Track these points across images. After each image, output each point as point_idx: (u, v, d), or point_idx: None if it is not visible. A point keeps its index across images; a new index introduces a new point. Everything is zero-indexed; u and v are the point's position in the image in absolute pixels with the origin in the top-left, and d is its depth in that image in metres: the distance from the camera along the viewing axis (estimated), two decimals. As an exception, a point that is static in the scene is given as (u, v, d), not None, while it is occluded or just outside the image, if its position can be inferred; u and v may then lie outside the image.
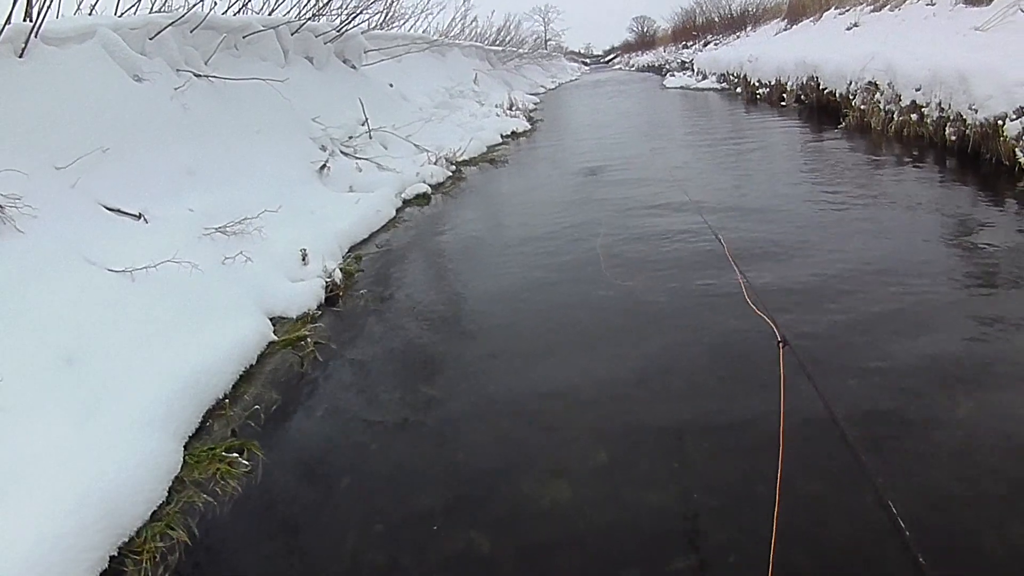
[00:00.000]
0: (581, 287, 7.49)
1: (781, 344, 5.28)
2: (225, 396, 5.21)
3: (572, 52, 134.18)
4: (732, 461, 4.28)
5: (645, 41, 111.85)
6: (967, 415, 4.53)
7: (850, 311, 6.15)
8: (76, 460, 4.00)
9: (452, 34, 33.68)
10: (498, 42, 46.17)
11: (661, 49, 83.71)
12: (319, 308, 7.13)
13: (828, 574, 3.46)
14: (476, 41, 40.18)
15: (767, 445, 4.22)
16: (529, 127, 23.09)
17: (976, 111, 12.03)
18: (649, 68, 75.16)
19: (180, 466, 4.35)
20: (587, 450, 4.54)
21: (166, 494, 4.13)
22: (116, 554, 3.69)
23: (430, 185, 13.00)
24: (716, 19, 62.44)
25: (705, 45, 58.63)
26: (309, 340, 6.25)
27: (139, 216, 7.22)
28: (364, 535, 3.96)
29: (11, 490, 3.75)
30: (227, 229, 7.61)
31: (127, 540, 3.78)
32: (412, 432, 5.01)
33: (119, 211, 7.14)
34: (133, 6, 11.40)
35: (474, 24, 39.59)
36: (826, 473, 4.07)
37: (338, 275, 7.76)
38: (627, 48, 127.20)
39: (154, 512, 3.99)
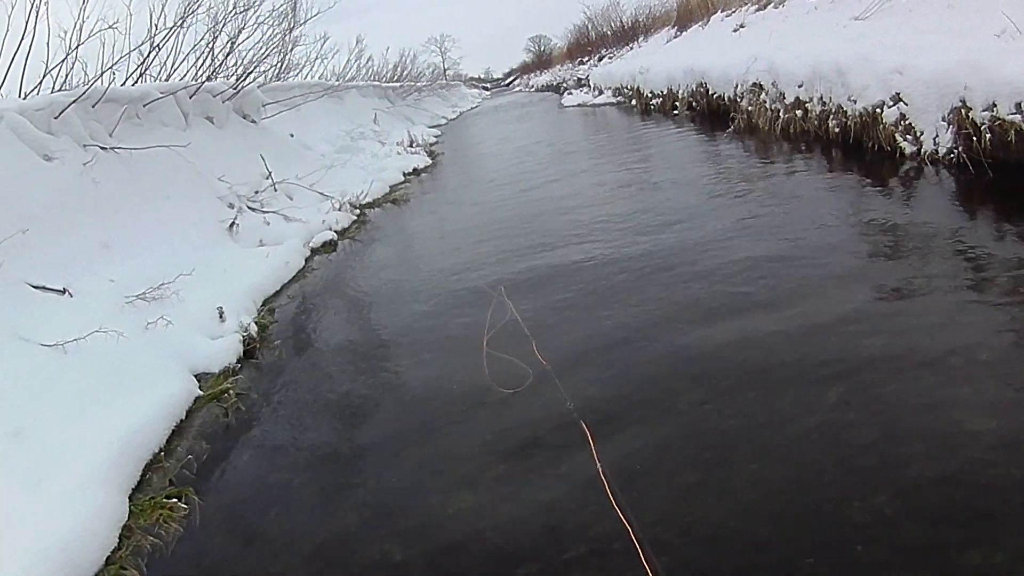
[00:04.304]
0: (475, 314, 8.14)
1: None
2: (160, 450, 5.75)
3: (472, 79, 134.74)
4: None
5: (543, 60, 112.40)
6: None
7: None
8: (35, 520, 4.56)
9: (348, 76, 34.03)
10: (396, 78, 46.53)
11: (558, 67, 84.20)
12: (239, 362, 7.62)
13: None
14: (373, 80, 40.55)
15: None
16: (430, 162, 23.47)
17: (855, 101, 12.72)
18: (547, 88, 75.37)
19: (127, 515, 4.91)
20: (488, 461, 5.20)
21: (117, 540, 4.69)
22: (79, 596, 4.24)
23: (336, 232, 13.42)
24: (608, 32, 62.92)
25: (600, 60, 59.03)
26: (231, 393, 6.77)
27: (64, 291, 7.68)
28: (292, 556, 4.58)
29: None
30: (147, 296, 8.08)
31: (87, 584, 4.34)
32: (329, 463, 5.67)
33: (45, 288, 7.60)
34: (36, 87, 11.79)
35: (369, 63, 39.97)
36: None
37: (253, 329, 8.25)
38: (525, 69, 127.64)
39: (108, 557, 4.55)
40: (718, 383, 5.68)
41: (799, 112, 15.20)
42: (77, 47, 12.11)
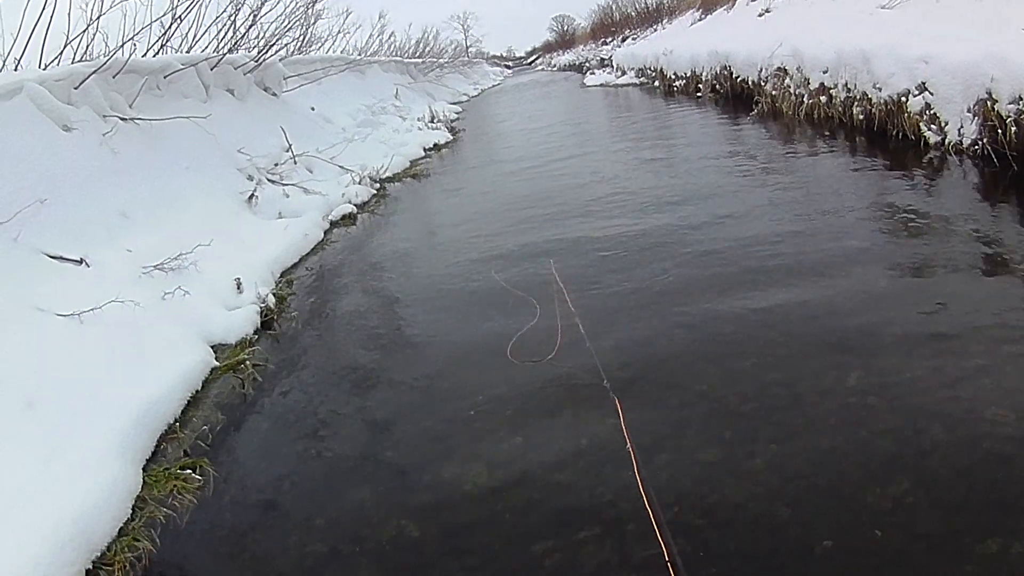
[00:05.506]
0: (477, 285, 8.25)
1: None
2: (175, 421, 5.71)
3: (494, 56, 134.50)
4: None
5: (565, 40, 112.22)
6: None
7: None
8: (47, 492, 4.52)
9: (371, 51, 33.94)
10: (418, 54, 46.43)
11: (581, 47, 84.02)
12: (256, 333, 7.57)
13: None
14: (395, 56, 40.46)
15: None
16: (451, 138, 23.40)
17: (880, 89, 12.64)
18: (570, 67, 75.42)
19: (140, 486, 4.87)
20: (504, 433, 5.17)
21: (130, 512, 4.64)
22: (91, 567, 4.18)
23: (355, 205, 13.39)
24: (633, 13, 62.87)
25: (623, 40, 58.92)
26: (248, 363, 6.72)
27: (80, 261, 7.65)
28: (306, 529, 4.55)
29: (-7, 525, 4.27)
30: (164, 266, 8.05)
31: (99, 555, 4.28)
32: (344, 436, 5.64)
33: (61, 258, 7.56)
34: (56, 58, 11.76)
35: (392, 39, 39.88)
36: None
37: (271, 300, 8.20)
38: (548, 48, 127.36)
39: (121, 528, 4.50)
40: (738, 362, 5.64)
41: (823, 98, 15.13)
42: (98, 18, 12.03)
